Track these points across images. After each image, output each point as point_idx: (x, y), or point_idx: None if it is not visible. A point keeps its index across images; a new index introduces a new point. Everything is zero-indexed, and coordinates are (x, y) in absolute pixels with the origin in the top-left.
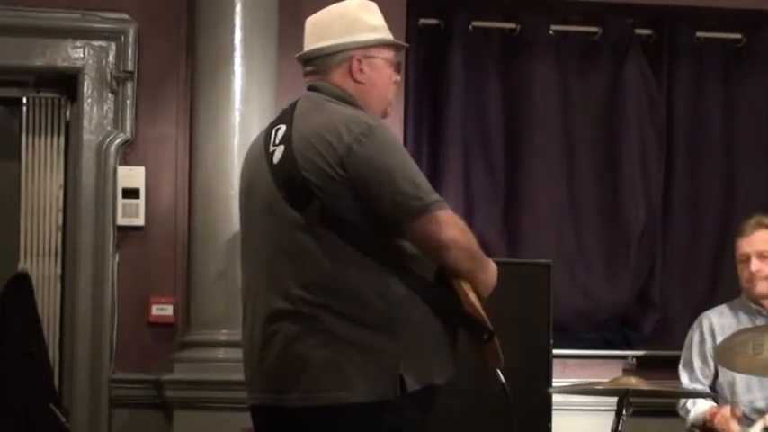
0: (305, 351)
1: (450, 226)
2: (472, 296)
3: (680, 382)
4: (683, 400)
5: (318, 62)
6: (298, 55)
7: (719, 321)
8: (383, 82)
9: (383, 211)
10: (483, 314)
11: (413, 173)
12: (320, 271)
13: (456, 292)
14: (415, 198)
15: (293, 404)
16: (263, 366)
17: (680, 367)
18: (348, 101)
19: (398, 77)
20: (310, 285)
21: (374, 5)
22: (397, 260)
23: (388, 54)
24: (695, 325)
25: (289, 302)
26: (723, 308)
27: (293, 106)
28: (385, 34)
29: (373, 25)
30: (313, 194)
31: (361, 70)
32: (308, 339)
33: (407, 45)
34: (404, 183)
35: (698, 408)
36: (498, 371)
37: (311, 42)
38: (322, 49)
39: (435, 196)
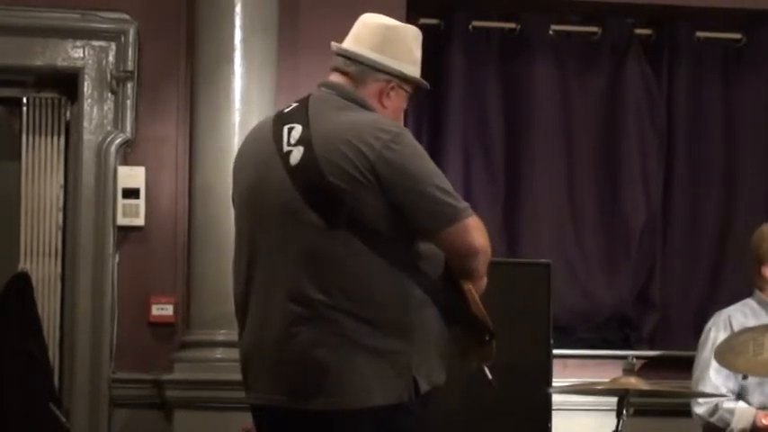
0: (325, 356)
1: (480, 232)
2: (477, 298)
3: (702, 383)
4: (705, 401)
5: (359, 68)
6: (339, 46)
7: (741, 318)
8: (397, 111)
9: (415, 217)
10: (486, 315)
11: (442, 179)
12: (342, 276)
13: (464, 294)
14: (448, 205)
15: (313, 408)
16: (278, 369)
17: (699, 366)
18: (364, 105)
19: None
20: (331, 290)
21: (421, 37)
22: (413, 264)
23: (411, 89)
24: (713, 323)
25: (308, 307)
26: (741, 305)
27: (305, 106)
28: (418, 70)
29: (416, 59)
30: (340, 200)
31: (389, 96)
32: (329, 344)
33: (429, 87)
34: (435, 190)
35: (742, 410)
36: (485, 368)
37: (361, 45)
38: (372, 60)
39: (464, 203)
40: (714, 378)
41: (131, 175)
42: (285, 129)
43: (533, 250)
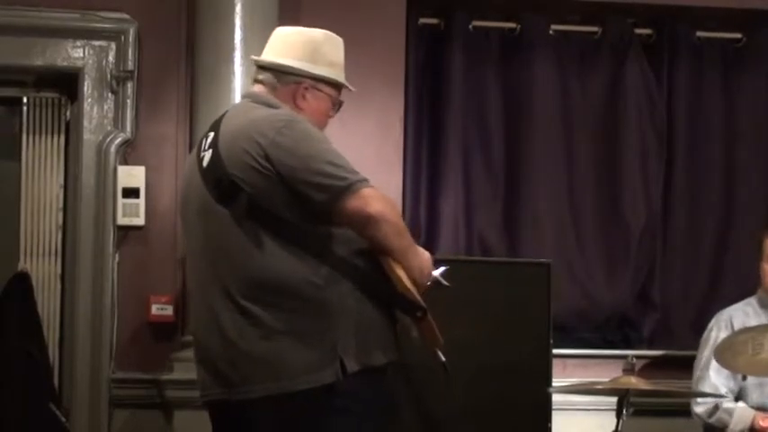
0: (245, 346)
1: (378, 200)
2: (402, 275)
3: (702, 382)
4: (705, 401)
5: (270, 74)
6: (255, 58)
7: (742, 318)
8: (319, 114)
9: (311, 195)
10: (414, 292)
11: (335, 156)
12: (252, 265)
13: (387, 273)
14: (340, 178)
15: (238, 398)
16: (213, 364)
17: (700, 366)
18: (273, 106)
19: (334, 114)
20: (245, 281)
21: (340, 42)
22: (324, 246)
23: (334, 92)
24: (715, 322)
25: (228, 300)
26: (743, 305)
27: (223, 115)
28: (338, 73)
29: (331, 61)
30: (240, 189)
31: (304, 97)
32: (248, 334)
33: (354, 90)
34: (327, 166)
35: (741, 411)
36: (438, 351)
37: (272, 53)
38: (279, 65)
39: (360, 176)
40: (714, 378)
41: (131, 175)
42: (204, 138)
43: (533, 250)
